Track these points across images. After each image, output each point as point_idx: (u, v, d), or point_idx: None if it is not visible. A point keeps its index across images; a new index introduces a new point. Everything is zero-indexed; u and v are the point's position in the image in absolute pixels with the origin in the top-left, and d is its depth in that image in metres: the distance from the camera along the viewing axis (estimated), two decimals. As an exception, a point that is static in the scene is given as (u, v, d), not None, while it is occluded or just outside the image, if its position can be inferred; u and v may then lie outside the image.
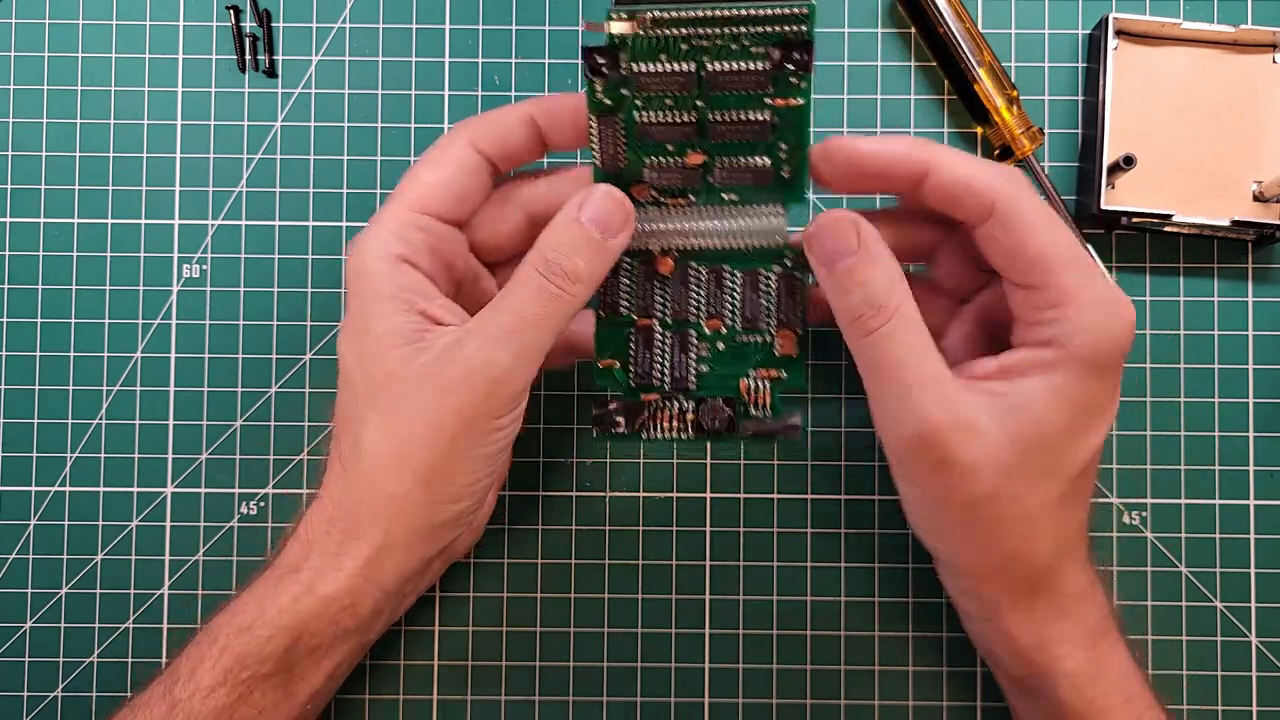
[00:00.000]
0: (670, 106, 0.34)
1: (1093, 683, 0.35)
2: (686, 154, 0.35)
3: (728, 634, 0.42)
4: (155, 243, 0.43)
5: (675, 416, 0.36)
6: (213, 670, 0.35)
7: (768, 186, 0.35)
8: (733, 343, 0.36)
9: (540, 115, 0.35)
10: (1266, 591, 0.42)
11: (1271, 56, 0.42)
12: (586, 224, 0.34)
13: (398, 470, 0.34)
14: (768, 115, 0.34)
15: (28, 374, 0.43)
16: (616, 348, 0.37)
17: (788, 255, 0.36)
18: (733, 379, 0.36)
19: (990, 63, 0.42)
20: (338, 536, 0.35)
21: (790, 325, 0.36)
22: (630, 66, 0.33)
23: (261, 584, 0.36)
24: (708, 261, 0.36)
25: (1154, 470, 0.43)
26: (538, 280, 0.34)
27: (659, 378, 0.36)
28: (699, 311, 0.36)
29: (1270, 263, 0.43)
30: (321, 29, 0.44)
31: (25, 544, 0.43)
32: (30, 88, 0.43)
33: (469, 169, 0.35)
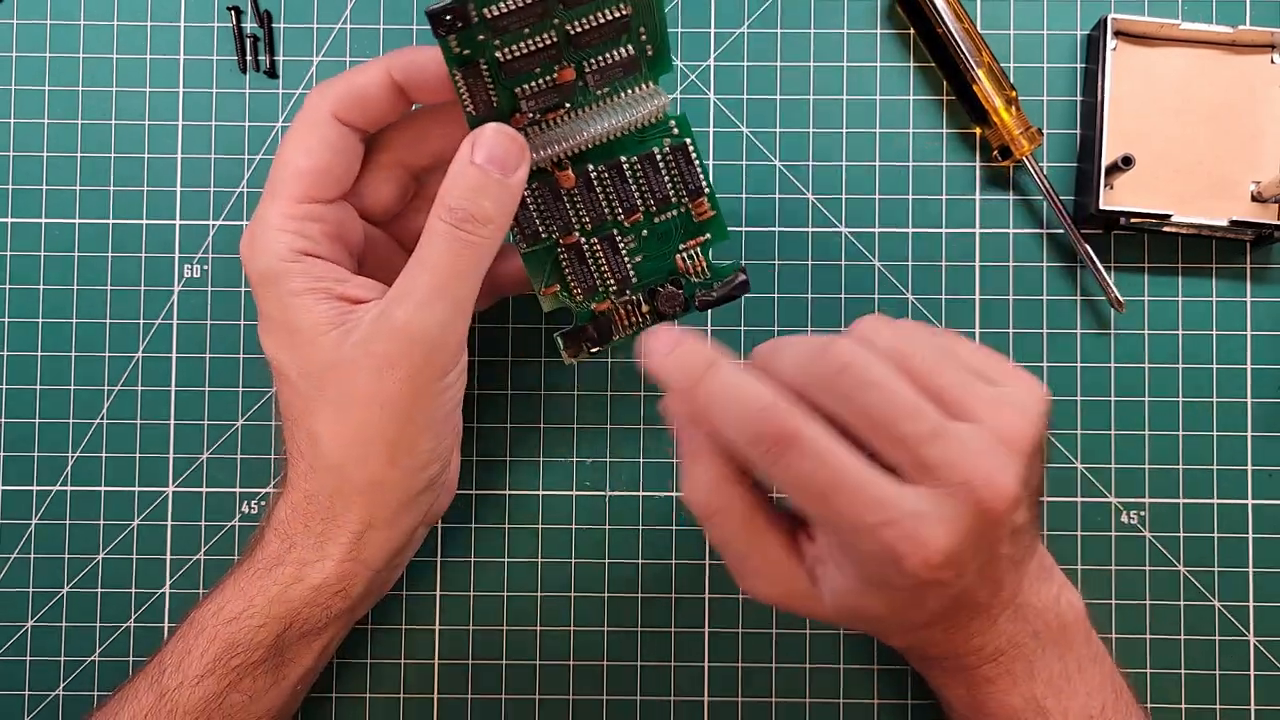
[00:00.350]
0: (529, 34, 0.34)
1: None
2: (556, 71, 0.35)
3: (727, 633, 0.43)
4: (156, 243, 0.43)
5: (631, 312, 0.38)
6: (201, 660, 0.35)
7: (637, 72, 0.35)
8: (653, 225, 0.37)
9: (400, 74, 0.35)
10: (1265, 591, 0.42)
11: (1269, 57, 0.42)
12: (484, 165, 0.33)
13: (363, 455, 0.34)
14: (624, 7, 0.34)
15: (29, 374, 0.43)
16: (551, 272, 0.37)
17: (671, 124, 0.36)
18: (667, 259, 0.37)
19: (989, 63, 0.42)
20: (318, 527, 0.35)
21: (698, 191, 0.37)
22: (480, 13, 0.33)
23: (245, 578, 0.36)
24: (603, 158, 0.36)
25: (1152, 470, 0.43)
26: (448, 231, 0.33)
27: (603, 284, 0.37)
28: (613, 210, 0.37)
29: (1268, 263, 0.43)
30: (322, 30, 0.44)
31: (27, 543, 0.43)
32: (32, 88, 0.43)
33: (339, 146, 0.35)
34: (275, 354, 0.35)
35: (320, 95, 0.35)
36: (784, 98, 0.43)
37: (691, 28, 0.44)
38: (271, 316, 0.35)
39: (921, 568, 0.29)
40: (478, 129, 0.34)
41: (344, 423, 0.34)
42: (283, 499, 0.36)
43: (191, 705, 0.35)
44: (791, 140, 0.43)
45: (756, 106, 0.43)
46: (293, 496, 0.36)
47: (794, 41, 0.44)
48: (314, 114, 0.35)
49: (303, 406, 0.35)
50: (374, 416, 0.34)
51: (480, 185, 0.33)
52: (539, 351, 0.43)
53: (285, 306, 0.34)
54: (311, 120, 0.35)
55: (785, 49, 0.44)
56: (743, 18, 0.44)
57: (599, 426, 0.43)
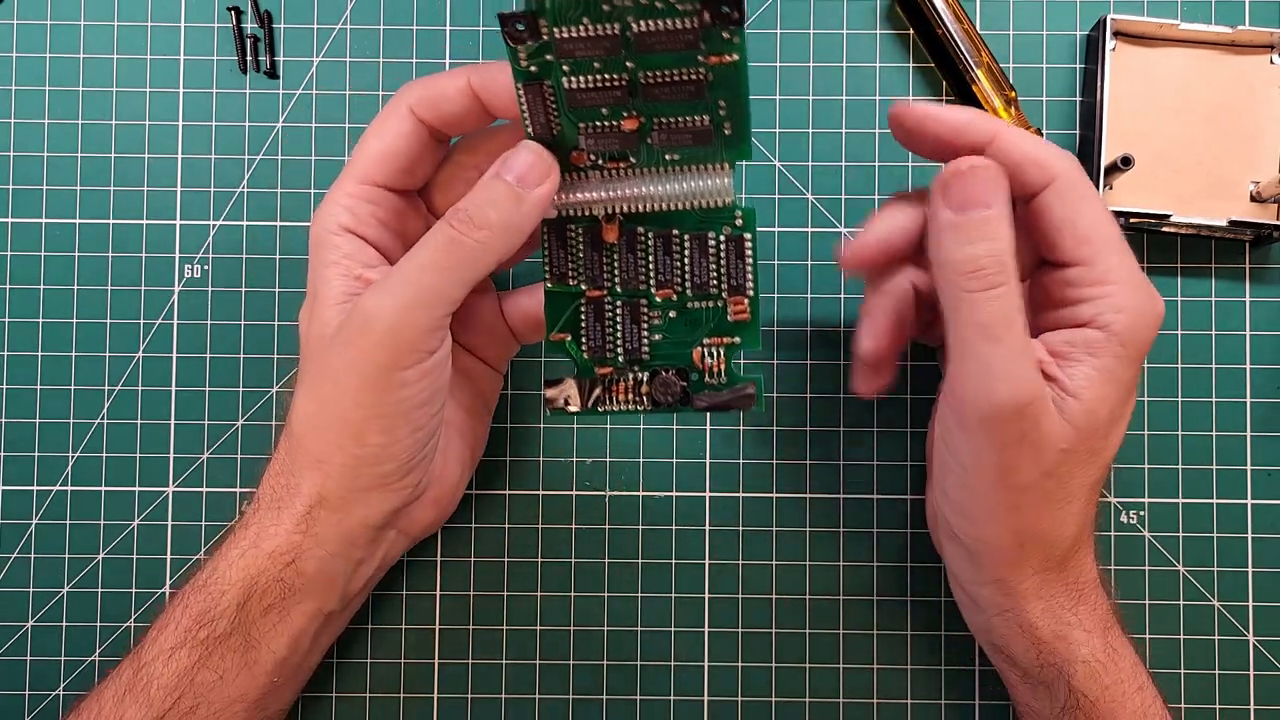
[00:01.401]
0: (599, 70, 0.32)
1: (1106, 670, 0.36)
2: (621, 118, 0.33)
3: (727, 632, 0.43)
4: (157, 243, 0.43)
5: (630, 389, 0.36)
6: (174, 632, 0.35)
7: (709, 145, 0.34)
8: (684, 310, 0.35)
9: (478, 83, 0.35)
10: (1264, 591, 0.42)
11: (1269, 57, 0.42)
12: (506, 177, 0.33)
13: (317, 430, 0.35)
14: (702, 73, 0.32)
15: (30, 374, 0.43)
16: (568, 320, 0.36)
17: (737, 214, 0.35)
18: (686, 347, 0.35)
19: (988, 64, 0.42)
20: (280, 495, 0.36)
21: (741, 290, 0.35)
22: (551, 31, 0.32)
23: (220, 546, 0.37)
24: (654, 225, 0.35)
25: (1151, 470, 0.43)
26: (441, 227, 0.34)
27: (612, 350, 0.36)
28: (648, 279, 0.35)
29: (1267, 263, 0.43)
30: (322, 30, 0.44)
31: (27, 543, 0.43)
32: (32, 88, 0.43)
33: (412, 138, 0.35)
34: (301, 320, 0.36)
35: (404, 90, 0.36)
36: (784, 98, 0.43)
37: (691, 28, 0.44)
38: (309, 286, 0.36)
39: (1162, 315, 0.34)
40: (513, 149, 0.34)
41: (311, 396, 0.35)
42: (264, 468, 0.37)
43: (165, 680, 0.35)
44: (791, 140, 0.43)
45: (757, 107, 0.43)
46: (273, 463, 0.36)
47: (794, 41, 0.44)
48: (393, 106, 0.35)
49: (298, 374, 0.36)
50: (329, 394, 0.34)
51: (494, 194, 0.33)
52: (539, 352, 0.43)
53: (315, 275, 0.35)
54: (390, 110, 0.35)
55: (785, 49, 0.44)
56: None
57: (599, 427, 0.43)
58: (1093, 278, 0.34)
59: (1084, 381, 0.33)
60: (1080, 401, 0.33)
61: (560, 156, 0.34)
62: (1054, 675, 0.36)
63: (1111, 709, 0.36)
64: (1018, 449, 0.33)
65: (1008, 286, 0.32)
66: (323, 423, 0.35)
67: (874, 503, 0.43)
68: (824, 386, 0.43)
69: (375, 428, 0.34)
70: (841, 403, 0.43)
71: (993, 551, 0.36)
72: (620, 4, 0.31)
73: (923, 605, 0.43)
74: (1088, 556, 0.36)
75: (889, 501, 0.43)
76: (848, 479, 0.43)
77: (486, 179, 0.34)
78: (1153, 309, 0.34)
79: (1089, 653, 0.36)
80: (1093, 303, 0.34)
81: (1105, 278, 0.34)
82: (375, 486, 0.35)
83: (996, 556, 0.36)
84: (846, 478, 0.43)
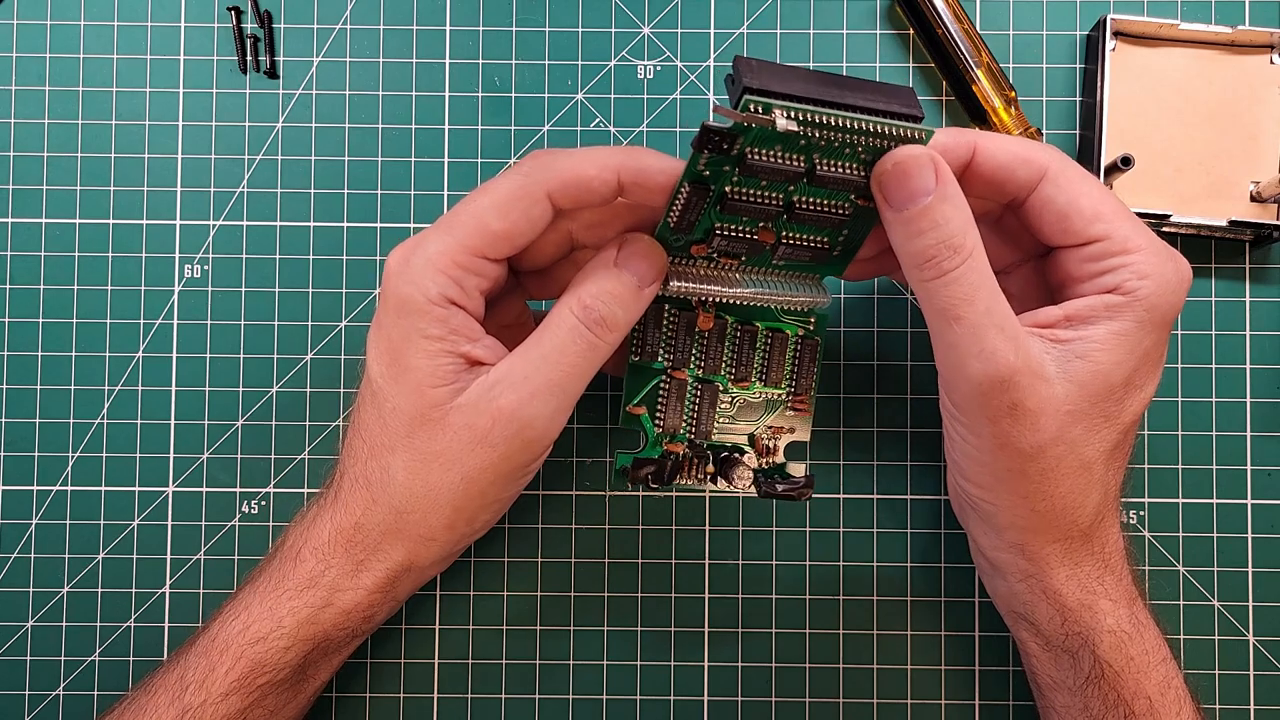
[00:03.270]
0: (765, 188, 0.34)
1: (1132, 640, 0.36)
2: (760, 229, 0.35)
3: (727, 633, 0.43)
4: (157, 243, 0.43)
5: (699, 469, 0.38)
6: (226, 678, 0.35)
7: (819, 262, 0.36)
8: (754, 397, 0.38)
9: (629, 180, 0.34)
10: (1264, 590, 0.42)
11: (1269, 57, 0.42)
12: (626, 273, 0.34)
13: (426, 511, 0.35)
14: (849, 208, 0.34)
15: (30, 374, 0.43)
16: (647, 395, 0.37)
17: (811, 319, 0.38)
18: (747, 429, 0.38)
19: (988, 64, 0.42)
20: (359, 555, 0.35)
21: (806, 387, 0.38)
22: (745, 150, 0.32)
23: (273, 595, 0.36)
24: (736, 315, 0.37)
25: (1151, 469, 0.43)
26: (576, 328, 0.33)
27: (685, 428, 0.38)
28: (729, 368, 0.38)
29: (1267, 263, 0.43)
30: (322, 30, 0.44)
31: (27, 543, 0.43)
32: (32, 88, 0.43)
33: (538, 223, 0.34)
34: (379, 377, 0.35)
35: (544, 171, 0.34)
36: (784, 98, 0.43)
37: (691, 28, 0.44)
38: (393, 341, 0.34)
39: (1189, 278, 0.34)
40: (632, 235, 0.34)
41: (421, 476, 0.34)
42: (329, 515, 0.36)
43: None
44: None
45: (756, 107, 0.43)
46: (341, 519, 0.36)
47: (794, 42, 0.44)
48: (529, 185, 0.33)
49: (387, 441, 0.35)
50: (451, 482, 0.34)
51: (618, 290, 0.34)
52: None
53: (410, 343, 0.34)
54: (524, 190, 0.33)
55: (785, 49, 0.44)
56: (743, 18, 0.44)
57: (599, 426, 0.43)
58: (1114, 249, 0.34)
59: (1097, 343, 0.33)
60: (1089, 362, 0.33)
61: (679, 244, 0.35)
62: (1079, 644, 0.36)
63: (1136, 679, 0.36)
64: (1011, 419, 0.33)
65: (965, 265, 0.32)
66: (436, 506, 0.35)
67: (874, 503, 0.43)
68: (823, 387, 0.43)
69: (490, 509, 0.36)
70: (841, 403, 0.43)
71: (1008, 517, 0.36)
72: (814, 142, 0.32)
73: (922, 605, 0.43)
74: (1113, 526, 0.36)
75: (889, 501, 0.43)
76: (848, 479, 0.43)
77: (604, 268, 0.34)
78: (1178, 273, 0.34)
79: (1115, 623, 0.36)
80: (1116, 272, 0.34)
81: (1126, 246, 0.34)
82: (464, 547, 0.37)
83: (1012, 521, 0.36)
84: (846, 478, 0.43)
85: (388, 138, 0.43)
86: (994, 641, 0.42)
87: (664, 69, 0.44)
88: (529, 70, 0.44)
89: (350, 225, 0.43)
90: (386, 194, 0.43)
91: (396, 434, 0.34)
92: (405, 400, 0.34)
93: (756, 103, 0.31)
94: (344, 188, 0.43)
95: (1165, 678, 0.36)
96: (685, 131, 0.43)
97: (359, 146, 0.43)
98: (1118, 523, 0.37)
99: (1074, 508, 0.35)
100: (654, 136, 0.43)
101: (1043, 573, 0.36)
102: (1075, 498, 0.35)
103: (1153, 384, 0.35)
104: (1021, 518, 0.35)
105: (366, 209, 0.43)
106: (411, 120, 0.43)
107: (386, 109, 0.43)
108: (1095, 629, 0.36)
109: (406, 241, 0.34)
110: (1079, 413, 0.33)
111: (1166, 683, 0.36)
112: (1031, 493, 0.35)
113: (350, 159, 0.43)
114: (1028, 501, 0.35)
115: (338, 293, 0.43)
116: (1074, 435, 0.34)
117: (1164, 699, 0.36)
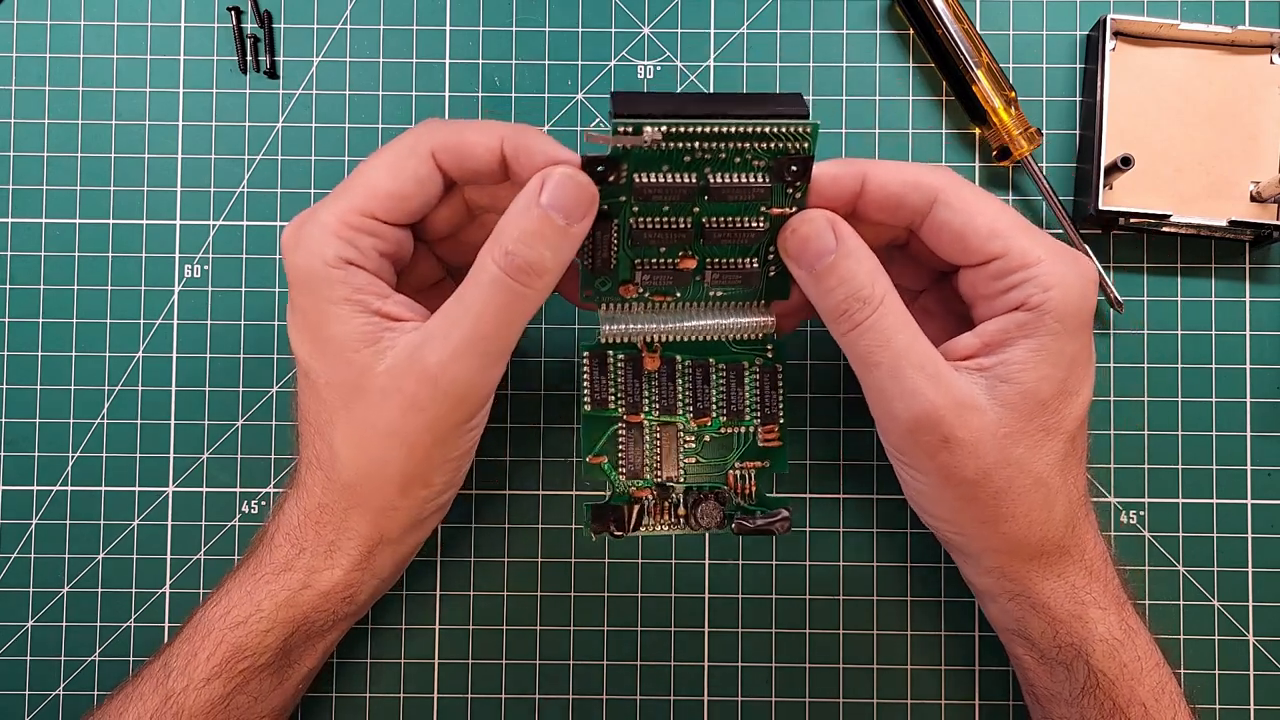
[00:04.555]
0: (666, 212, 0.34)
1: (1124, 647, 0.36)
2: (679, 257, 0.35)
3: (727, 633, 0.43)
4: (157, 243, 0.43)
5: (667, 513, 0.37)
6: (208, 663, 0.35)
7: (755, 286, 0.36)
8: (718, 434, 0.37)
9: (510, 151, 0.33)
10: (1264, 591, 0.42)
11: (1269, 57, 0.42)
12: (549, 210, 0.32)
13: (377, 482, 0.34)
14: (764, 223, 0.34)
15: (30, 374, 0.43)
16: (605, 444, 0.37)
17: (768, 347, 0.37)
18: (719, 471, 0.37)
19: (988, 64, 0.42)
20: (329, 535, 0.35)
21: (773, 417, 0.37)
22: (632, 175, 0.32)
23: (251, 580, 0.36)
24: (690, 353, 0.37)
25: (1151, 470, 0.43)
26: (499, 278, 0.32)
27: (649, 472, 0.37)
28: (686, 406, 0.37)
29: (1267, 263, 0.43)
30: (322, 30, 0.44)
31: (27, 543, 0.43)
32: (32, 88, 0.43)
33: (427, 182, 0.34)
34: (304, 357, 0.34)
35: (428, 130, 0.34)
36: (784, 98, 0.43)
37: (691, 28, 0.44)
38: (306, 317, 0.34)
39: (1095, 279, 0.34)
40: (548, 170, 0.32)
41: (362, 448, 0.34)
42: (294, 500, 0.36)
43: (198, 708, 0.35)
44: (791, 140, 0.43)
45: (756, 107, 0.43)
46: (305, 502, 0.36)
47: (794, 41, 0.44)
48: (415, 144, 0.34)
49: (326, 417, 0.34)
50: (393, 451, 0.34)
51: (542, 231, 0.32)
52: (540, 351, 0.43)
53: (322, 313, 0.33)
54: (409, 148, 0.34)
55: (785, 49, 0.44)
56: (743, 18, 0.44)
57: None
58: (1014, 264, 0.34)
59: (1019, 365, 0.33)
60: (1016, 385, 0.33)
61: (609, 288, 0.35)
62: (1072, 655, 0.36)
63: (1130, 686, 0.36)
64: (949, 452, 0.33)
65: (876, 314, 0.33)
66: (385, 475, 0.34)
67: (874, 503, 0.43)
68: (822, 386, 0.43)
69: (439, 472, 0.35)
70: (841, 403, 0.43)
71: (978, 544, 0.36)
72: (700, 156, 0.32)
73: (923, 605, 0.43)
74: (1088, 533, 0.36)
75: (889, 502, 0.43)
76: (847, 479, 0.43)
77: (526, 208, 0.32)
78: (1081, 276, 0.34)
79: (1106, 630, 0.36)
80: (1021, 287, 0.34)
81: (1025, 259, 0.34)
82: (432, 514, 0.37)
83: (984, 547, 0.36)
84: (846, 478, 0.43)
85: (388, 138, 0.43)
86: (994, 642, 0.42)
87: (664, 69, 0.44)
88: (529, 70, 0.44)
89: (350, 225, 0.43)
90: (386, 194, 0.43)
91: (334, 409, 0.34)
92: (334, 372, 0.34)
93: (625, 123, 0.31)
94: (344, 188, 0.43)
95: (1159, 683, 0.36)
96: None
97: (359, 146, 0.43)
98: (1093, 527, 0.37)
99: (1041, 523, 0.35)
100: (654, 136, 0.43)
101: (1028, 590, 0.36)
102: (1039, 513, 0.35)
103: (1087, 387, 0.35)
104: (992, 542, 0.35)
105: (366, 209, 0.43)
106: (411, 120, 0.43)
107: (386, 109, 0.43)
108: (1087, 639, 0.36)
109: (297, 216, 0.34)
110: (1016, 433, 0.33)
111: (1160, 688, 0.36)
112: (992, 517, 0.35)
113: (350, 159, 0.43)
114: (992, 526, 0.35)
115: (338, 293, 0.43)
116: (1017, 455, 0.34)
117: (1159, 704, 0.36)
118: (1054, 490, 0.35)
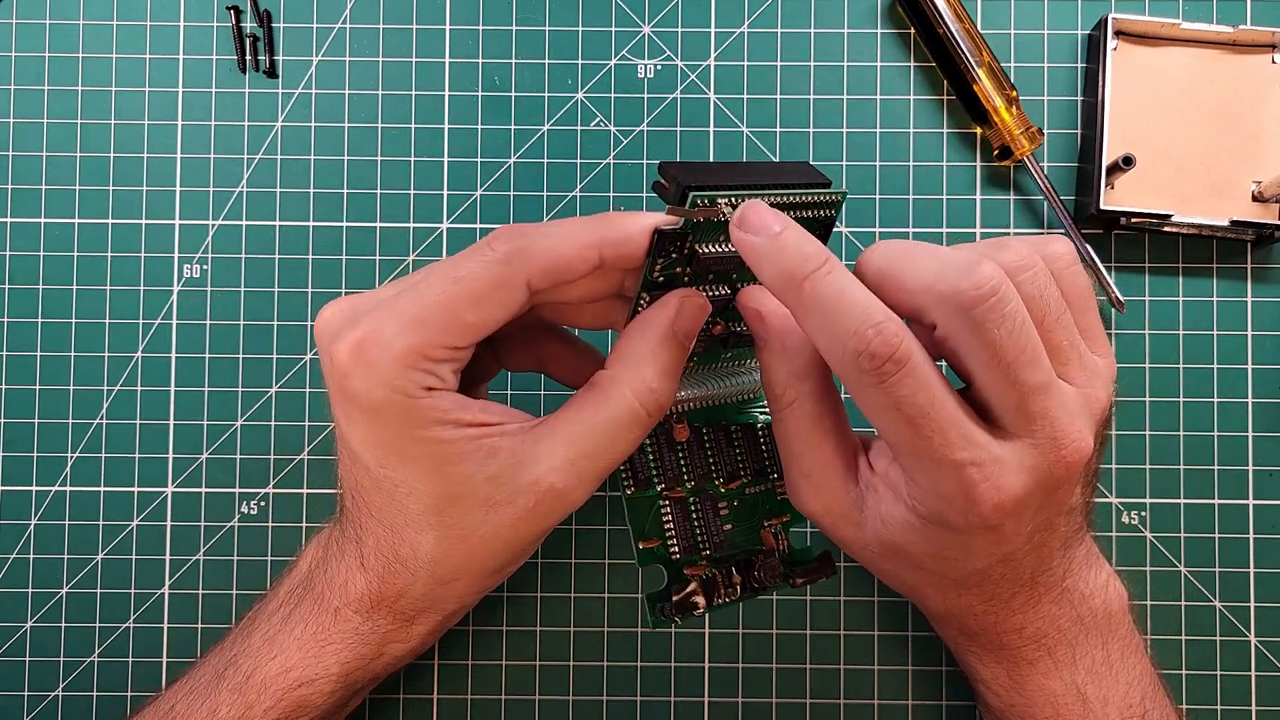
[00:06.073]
0: (713, 281, 0.34)
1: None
2: (709, 325, 0.35)
3: (727, 633, 0.43)
4: (156, 243, 0.43)
5: (726, 584, 0.36)
6: (264, 717, 0.35)
7: None
8: (744, 495, 0.36)
9: (609, 249, 0.31)
10: (1265, 591, 0.42)
11: (1270, 57, 0.42)
12: (684, 338, 0.32)
13: (474, 575, 0.34)
14: None
15: (28, 374, 0.43)
16: (652, 525, 0.35)
17: None
18: (753, 531, 0.36)
19: (989, 63, 0.42)
20: (409, 614, 0.35)
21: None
22: (694, 246, 0.32)
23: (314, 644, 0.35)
24: (705, 420, 0.36)
25: (1153, 470, 0.43)
26: (635, 413, 0.32)
27: (703, 543, 0.36)
28: (718, 472, 0.36)
29: (1269, 263, 0.43)
30: (322, 29, 0.44)
31: (26, 543, 0.43)
32: (31, 88, 0.43)
33: (513, 308, 0.31)
34: (380, 467, 0.32)
35: (523, 258, 0.30)
36: (784, 98, 0.43)
37: (691, 27, 0.44)
38: (382, 438, 0.32)
39: (991, 511, 0.29)
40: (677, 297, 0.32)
41: (460, 550, 0.33)
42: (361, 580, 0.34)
43: None
44: (791, 140, 0.43)
45: (756, 106, 0.43)
46: (381, 589, 0.34)
47: (794, 41, 0.44)
48: (509, 276, 0.30)
49: (408, 521, 0.33)
50: (497, 554, 0.33)
51: (676, 366, 0.32)
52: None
53: (406, 437, 0.31)
54: (500, 281, 0.30)
55: (785, 49, 0.44)
56: (743, 18, 0.44)
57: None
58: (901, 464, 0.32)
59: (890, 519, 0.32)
60: (885, 531, 0.32)
61: None
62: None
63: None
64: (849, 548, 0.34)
65: (784, 413, 0.32)
66: (484, 570, 0.34)
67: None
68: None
69: (522, 559, 0.35)
70: (842, 403, 0.43)
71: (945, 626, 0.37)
72: None
73: (923, 606, 0.43)
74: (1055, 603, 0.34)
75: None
76: (848, 479, 0.43)
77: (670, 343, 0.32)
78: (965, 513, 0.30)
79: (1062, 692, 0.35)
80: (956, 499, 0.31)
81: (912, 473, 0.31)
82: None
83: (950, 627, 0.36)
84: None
85: (387, 137, 0.43)
86: (995, 642, 0.42)
87: (664, 68, 0.43)
88: (529, 70, 0.44)
89: (350, 225, 0.43)
90: (386, 193, 0.43)
91: (421, 515, 0.32)
92: (423, 484, 0.32)
93: (702, 197, 0.31)
94: (343, 187, 0.43)
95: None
96: (686, 131, 0.43)
97: (358, 146, 0.43)
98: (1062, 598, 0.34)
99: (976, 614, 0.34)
100: (654, 136, 0.43)
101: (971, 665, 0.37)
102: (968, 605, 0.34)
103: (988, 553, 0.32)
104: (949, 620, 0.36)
105: (366, 209, 0.43)
106: (411, 120, 0.43)
107: (386, 108, 0.43)
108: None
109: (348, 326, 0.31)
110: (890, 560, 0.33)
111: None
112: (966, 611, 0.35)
113: (349, 158, 0.43)
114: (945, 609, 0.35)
115: (337, 292, 0.43)
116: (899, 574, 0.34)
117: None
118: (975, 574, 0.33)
